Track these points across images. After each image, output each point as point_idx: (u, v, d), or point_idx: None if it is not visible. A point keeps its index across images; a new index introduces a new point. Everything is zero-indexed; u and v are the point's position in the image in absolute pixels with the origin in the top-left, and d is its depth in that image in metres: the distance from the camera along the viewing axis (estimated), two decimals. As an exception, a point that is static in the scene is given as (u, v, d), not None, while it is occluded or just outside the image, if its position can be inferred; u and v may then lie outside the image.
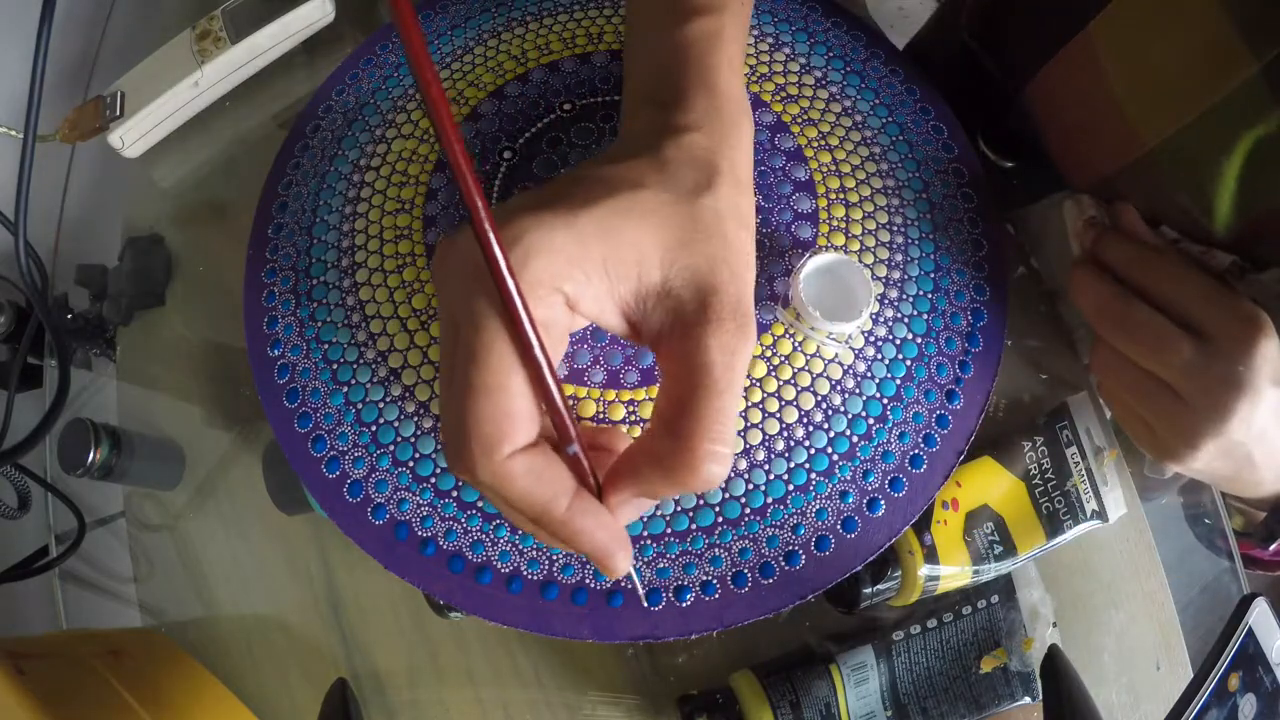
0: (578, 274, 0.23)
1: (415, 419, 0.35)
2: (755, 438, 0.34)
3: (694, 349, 0.23)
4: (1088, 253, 0.38)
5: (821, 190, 0.38)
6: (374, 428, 0.35)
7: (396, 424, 0.35)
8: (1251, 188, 0.32)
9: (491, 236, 0.20)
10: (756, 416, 0.34)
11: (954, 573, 0.36)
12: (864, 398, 0.35)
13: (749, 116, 0.30)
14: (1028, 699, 0.37)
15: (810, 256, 0.33)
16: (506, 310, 0.21)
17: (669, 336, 0.24)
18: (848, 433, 0.34)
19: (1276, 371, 0.32)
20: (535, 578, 0.33)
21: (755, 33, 0.43)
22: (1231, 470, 0.34)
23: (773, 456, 0.33)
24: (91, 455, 0.43)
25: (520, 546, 0.33)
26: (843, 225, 0.38)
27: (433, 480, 0.34)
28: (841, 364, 0.35)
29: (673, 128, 0.27)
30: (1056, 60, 0.38)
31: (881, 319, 0.36)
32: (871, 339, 0.36)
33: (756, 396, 0.34)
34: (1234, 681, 0.32)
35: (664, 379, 0.24)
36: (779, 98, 0.41)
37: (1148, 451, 0.36)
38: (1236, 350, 0.32)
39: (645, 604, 0.32)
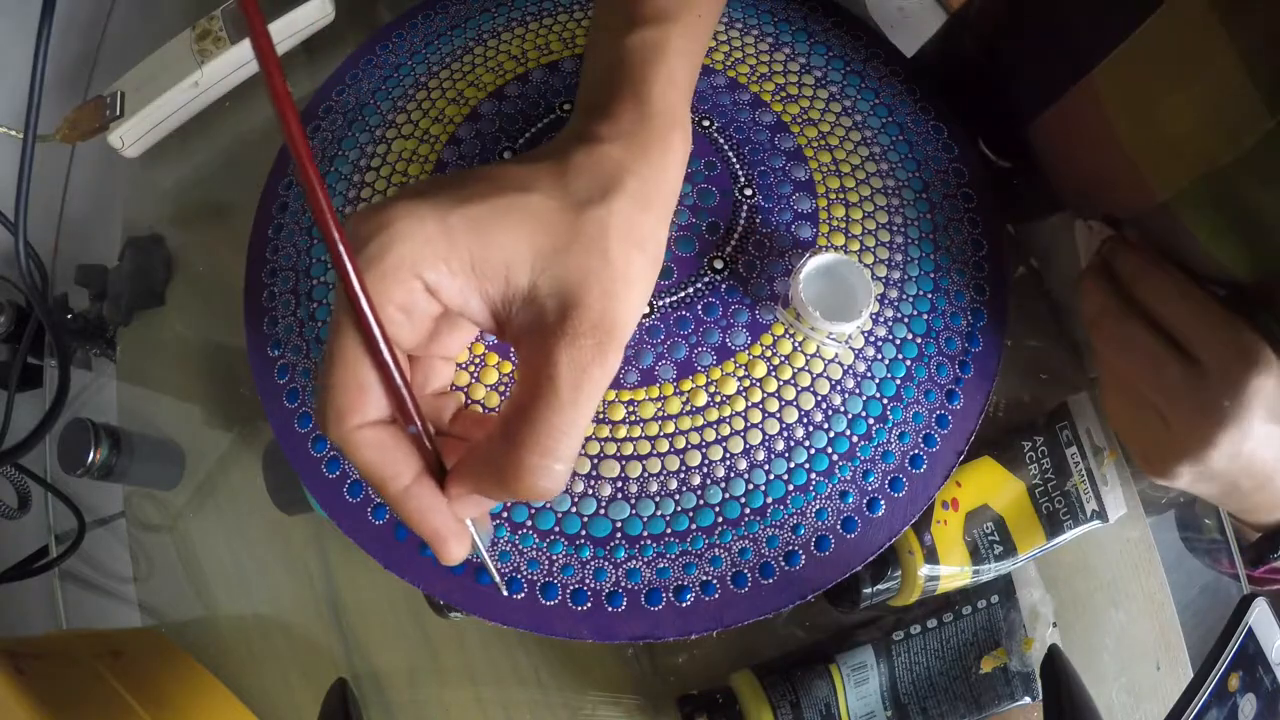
0: (441, 266, 0.23)
1: (415, 419, 0.34)
2: (755, 438, 0.34)
3: (544, 358, 0.23)
4: (1100, 259, 0.37)
5: (821, 190, 0.38)
6: (374, 428, 0.35)
7: (396, 424, 0.35)
8: (1272, 241, 0.31)
9: (330, 221, 0.21)
10: (756, 416, 0.34)
11: (954, 573, 0.36)
12: (864, 398, 0.35)
13: (684, 135, 0.28)
14: (1028, 699, 0.37)
15: (810, 256, 0.33)
16: (347, 294, 0.22)
17: (527, 341, 0.24)
18: (848, 433, 0.34)
19: (1272, 407, 0.31)
20: (535, 578, 0.33)
21: (755, 32, 0.43)
22: (1217, 493, 0.33)
23: (772, 456, 0.33)
24: (91, 455, 0.42)
25: (520, 547, 0.33)
26: (843, 225, 0.38)
27: (433, 480, 0.34)
28: (841, 364, 0.35)
29: (590, 136, 0.27)
30: (1061, 106, 0.37)
31: (881, 319, 0.36)
32: (871, 339, 0.36)
33: (756, 396, 0.34)
34: (1234, 681, 0.32)
35: (516, 383, 0.24)
36: (779, 98, 0.41)
37: (1136, 461, 0.35)
38: (1226, 382, 0.30)
39: (505, 593, 0.32)
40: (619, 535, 0.33)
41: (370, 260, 0.22)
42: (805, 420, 0.34)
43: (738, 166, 0.38)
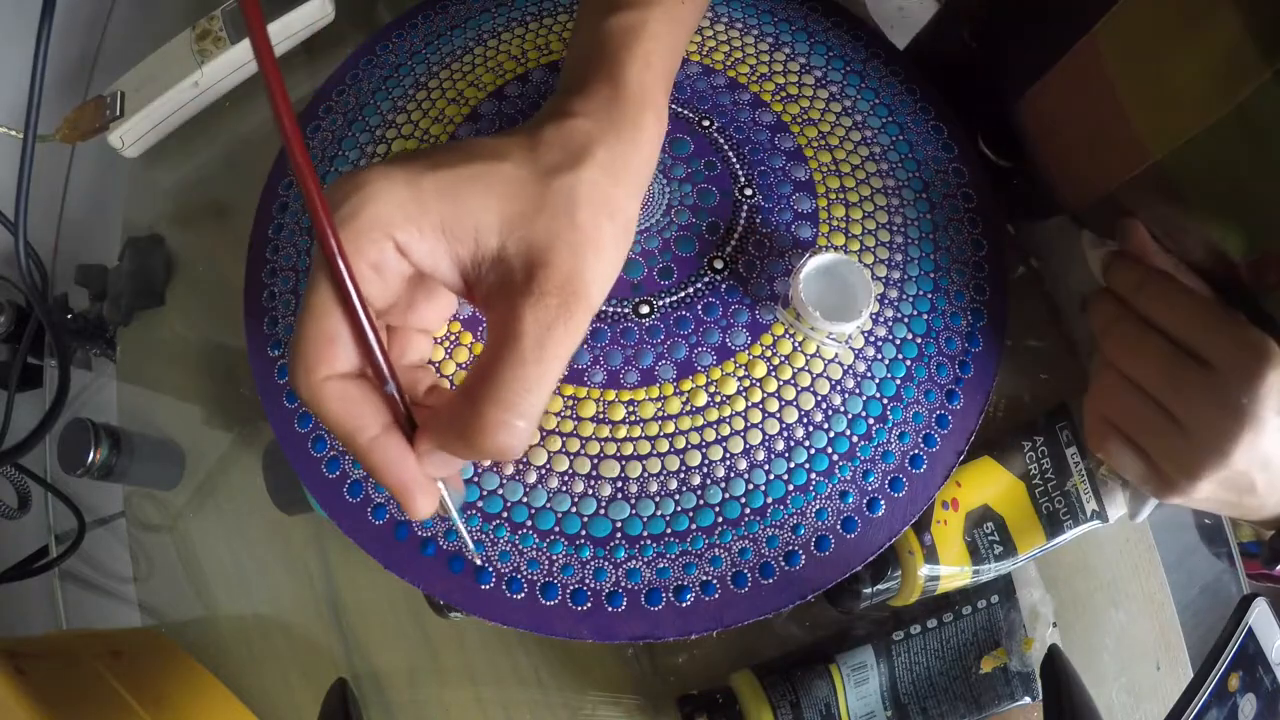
0: (411, 228, 0.24)
1: (415, 419, 0.34)
2: (755, 438, 0.34)
3: (510, 316, 0.24)
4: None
5: (821, 190, 0.38)
6: (374, 428, 0.35)
7: (396, 424, 0.35)
8: (1266, 206, 0.31)
9: (309, 179, 0.22)
10: (756, 416, 0.34)
11: (954, 573, 0.36)
12: (864, 398, 0.35)
13: (657, 116, 0.29)
14: (1028, 699, 0.37)
15: (810, 256, 0.33)
16: (323, 248, 0.23)
17: (495, 303, 0.25)
18: (848, 433, 0.34)
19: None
20: (535, 578, 0.33)
21: (755, 32, 0.43)
22: (1234, 498, 0.33)
23: (772, 456, 0.33)
24: (91, 455, 0.43)
25: (520, 547, 0.33)
26: (843, 225, 0.38)
27: (433, 480, 0.34)
28: (841, 364, 0.35)
29: (562, 113, 0.28)
30: (1059, 68, 0.37)
31: (881, 319, 0.36)
32: (871, 339, 0.36)
33: (756, 396, 0.34)
34: (1234, 681, 0.32)
35: (485, 344, 0.25)
36: (779, 98, 0.41)
37: (1145, 487, 0.35)
38: (1240, 380, 0.31)
39: (476, 561, 0.33)
40: (619, 535, 0.33)
41: (345, 219, 0.23)
42: (805, 420, 0.34)
43: (738, 166, 0.38)
